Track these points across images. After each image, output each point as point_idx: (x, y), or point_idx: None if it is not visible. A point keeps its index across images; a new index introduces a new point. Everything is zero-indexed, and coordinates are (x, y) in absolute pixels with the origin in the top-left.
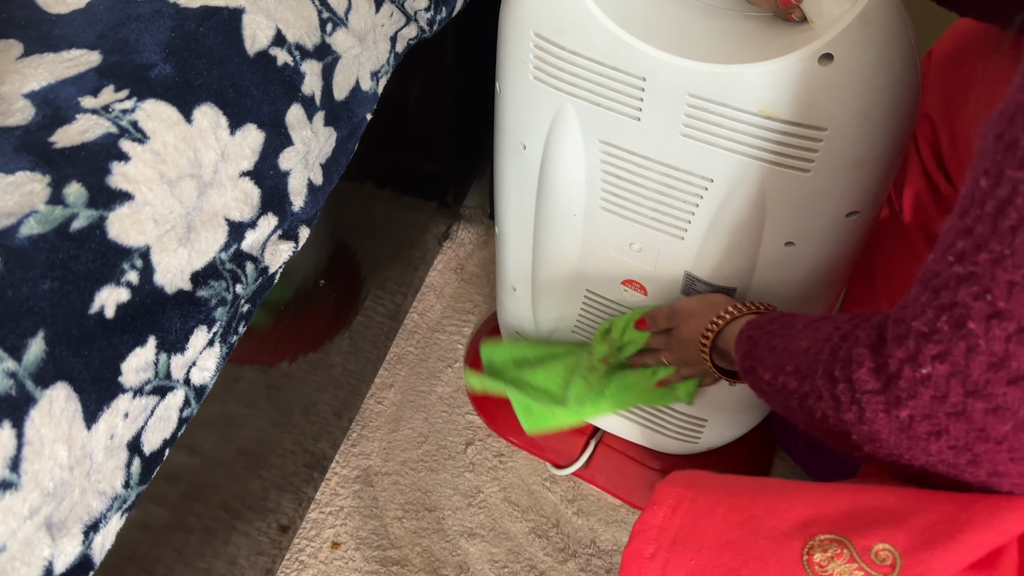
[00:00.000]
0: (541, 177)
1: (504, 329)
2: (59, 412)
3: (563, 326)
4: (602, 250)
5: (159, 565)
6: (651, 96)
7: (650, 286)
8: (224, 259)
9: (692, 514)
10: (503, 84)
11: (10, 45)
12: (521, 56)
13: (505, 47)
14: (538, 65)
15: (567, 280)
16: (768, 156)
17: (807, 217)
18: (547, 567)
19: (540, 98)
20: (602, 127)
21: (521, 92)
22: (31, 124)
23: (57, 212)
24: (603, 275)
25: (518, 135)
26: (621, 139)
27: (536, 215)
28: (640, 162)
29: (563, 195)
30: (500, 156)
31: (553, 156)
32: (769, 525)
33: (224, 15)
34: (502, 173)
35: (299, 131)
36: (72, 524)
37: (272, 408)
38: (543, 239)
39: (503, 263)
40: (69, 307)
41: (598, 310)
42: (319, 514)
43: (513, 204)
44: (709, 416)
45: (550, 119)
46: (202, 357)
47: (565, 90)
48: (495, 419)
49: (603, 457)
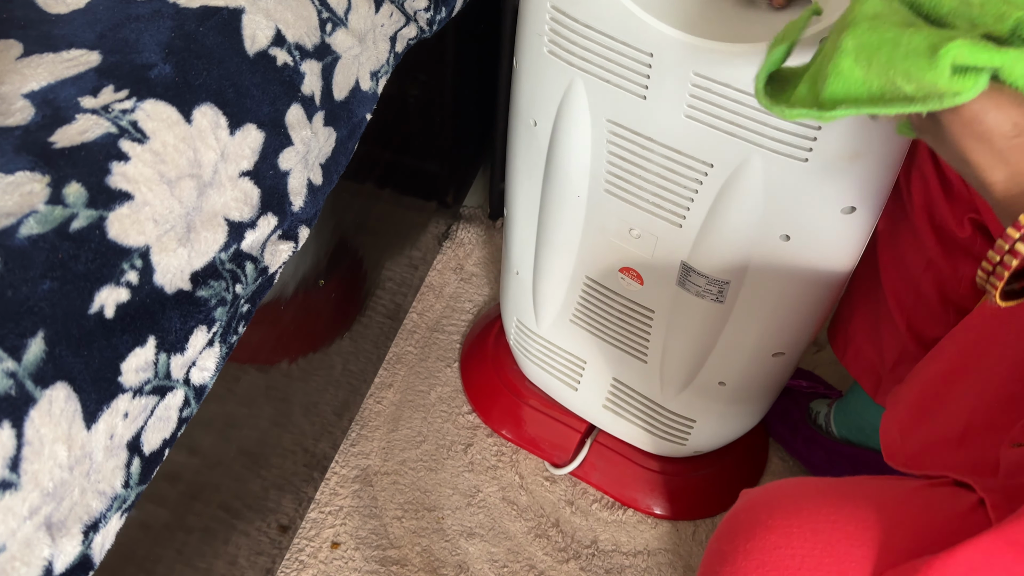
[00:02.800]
0: (549, 156)
1: (507, 315)
2: (59, 412)
3: (563, 313)
4: (603, 235)
5: (159, 565)
6: (657, 73)
7: (646, 275)
8: (224, 259)
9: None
10: (520, 59)
11: (10, 45)
12: (537, 28)
13: (524, 20)
14: (552, 38)
15: (568, 266)
16: (768, 142)
17: (804, 209)
18: (547, 567)
19: (552, 73)
20: (609, 105)
21: (536, 66)
22: (31, 124)
23: (57, 212)
24: (602, 262)
25: (530, 112)
26: (627, 118)
27: (542, 196)
28: (644, 143)
29: (569, 175)
30: (512, 135)
31: (561, 134)
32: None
33: (224, 15)
34: (513, 152)
35: (299, 131)
36: (72, 524)
37: (272, 408)
38: (547, 221)
39: (509, 246)
40: (69, 307)
41: (596, 298)
42: (319, 514)
43: (520, 186)
44: (698, 417)
45: (560, 95)
46: (202, 357)
47: (576, 64)
48: (490, 414)
49: (598, 456)
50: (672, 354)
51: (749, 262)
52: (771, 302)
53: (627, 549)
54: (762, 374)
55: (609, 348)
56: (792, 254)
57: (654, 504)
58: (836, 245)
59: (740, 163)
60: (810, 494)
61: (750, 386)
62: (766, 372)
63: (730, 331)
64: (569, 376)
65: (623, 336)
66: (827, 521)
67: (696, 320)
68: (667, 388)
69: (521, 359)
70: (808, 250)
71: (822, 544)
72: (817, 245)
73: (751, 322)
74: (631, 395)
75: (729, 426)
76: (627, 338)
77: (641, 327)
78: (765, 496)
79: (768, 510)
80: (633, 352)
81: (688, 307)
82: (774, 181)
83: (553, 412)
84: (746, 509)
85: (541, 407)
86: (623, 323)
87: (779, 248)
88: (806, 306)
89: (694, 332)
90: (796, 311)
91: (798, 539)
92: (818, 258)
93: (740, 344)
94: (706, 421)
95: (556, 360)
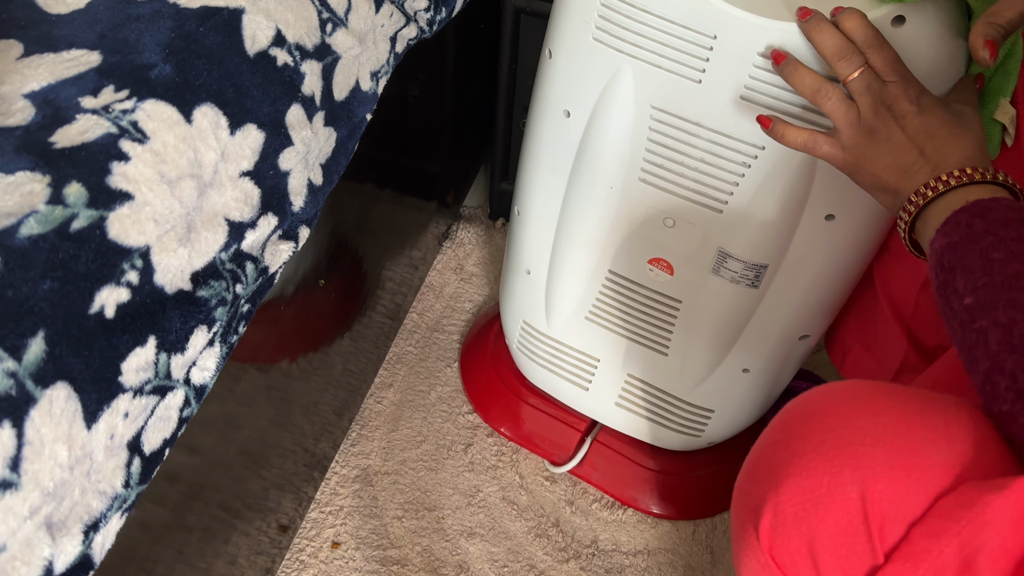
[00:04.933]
0: (581, 147)
1: (509, 318)
2: (59, 412)
3: (579, 311)
4: (632, 226)
5: (159, 565)
6: (718, 56)
7: (678, 265)
8: (224, 259)
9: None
10: (556, 48)
11: (10, 45)
12: (584, 15)
13: (565, 8)
14: (601, 25)
15: (591, 260)
16: (826, 119)
17: (853, 189)
18: (547, 566)
19: (597, 61)
20: (657, 91)
21: (576, 55)
22: (31, 124)
23: (57, 212)
24: (630, 254)
25: (564, 102)
26: (675, 104)
27: (567, 190)
28: (691, 128)
29: (603, 165)
30: (536, 127)
31: (599, 123)
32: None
33: (224, 15)
34: (535, 146)
35: (299, 131)
36: (72, 524)
37: (272, 408)
38: (571, 216)
39: (518, 245)
40: (69, 307)
41: (618, 293)
42: (319, 514)
43: (542, 180)
44: (717, 407)
45: (603, 83)
46: (202, 357)
47: (627, 51)
48: (490, 413)
49: (598, 455)
50: (696, 344)
51: (789, 244)
52: (806, 283)
53: (627, 549)
54: (787, 357)
55: (627, 343)
56: (834, 234)
57: (654, 504)
58: (875, 223)
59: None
60: (869, 386)
61: (773, 371)
62: (790, 355)
63: (760, 316)
64: (580, 376)
65: (644, 330)
66: (890, 406)
67: (727, 307)
68: (687, 380)
69: (525, 363)
70: (849, 229)
71: (882, 424)
72: (858, 224)
73: (783, 305)
74: (647, 390)
75: (746, 413)
76: (648, 331)
77: (665, 319)
78: (820, 390)
79: (824, 398)
80: (653, 346)
81: (719, 294)
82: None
83: (553, 410)
84: (799, 402)
85: (541, 405)
86: (646, 316)
87: (822, 228)
88: (839, 285)
89: (723, 319)
90: (829, 291)
91: (859, 420)
92: (857, 237)
93: (769, 329)
94: (724, 410)
95: (566, 361)
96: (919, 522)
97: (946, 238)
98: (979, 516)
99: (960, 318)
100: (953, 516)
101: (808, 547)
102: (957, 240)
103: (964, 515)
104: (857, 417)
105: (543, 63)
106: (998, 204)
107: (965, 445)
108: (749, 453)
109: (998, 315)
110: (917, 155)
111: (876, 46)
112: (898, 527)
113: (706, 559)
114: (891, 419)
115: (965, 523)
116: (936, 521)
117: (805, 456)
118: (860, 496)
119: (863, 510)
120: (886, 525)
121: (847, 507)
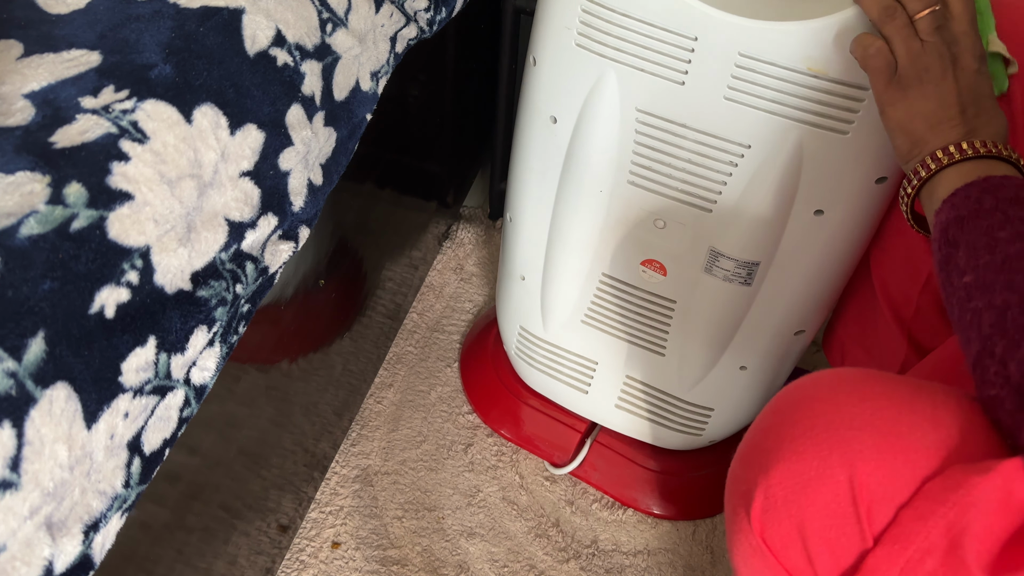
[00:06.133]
0: (569, 152)
1: (506, 324)
2: (59, 412)
3: (575, 315)
4: (624, 228)
5: (159, 565)
6: (699, 58)
7: (670, 265)
8: (224, 259)
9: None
10: (540, 54)
11: (10, 45)
12: (566, 22)
13: (547, 15)
14: (583, 31)
15: (584, 264)
16: (809, 117)
17: (840, 183)
18: (547, 567)
19: (580, 66)
20: (642, 94)
21: (560, 61)
22: (31, 124)
23: (57, 212)
24: (622, 256)
25: (549, 108)
26: (660, 106)
27: (558, 195)
28: (676, 130)
29: (591, 170)
30: (524, 134)
31: (585, 128)
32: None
33: (224, 15)
34: (524, 152)
35: (299, 131)
36: (72, 524)
37: (272, 408)
38: (562, 220)
39: (511, 251)
40: (69, 307)
41: (613, 295)
42: (319, 514)
43: (532, 185)
44: (716, 405)
45: (587, 89)
46: (202, 357)
47: (609, 56)
48: (489, 414)
49: (598, 455)
50: (693, 343)
51: (780, 241)
52: (798, 278)
53: (627, 549)
54: (783, 354)
55: (624, 345)
56: (823, 228)
57: (654, 504)
58: (865, 216)
59: (779, 141)
60: (857, 373)
61: (771, 367)
62: (787, 351)
63: (755, 313)
64: (579, 380)
65: (640, 331)
66: (879, 392)
67: (721, 305)
68: (685, 379)
69: (523, 368)
70: (839, 223)
71: (871, 409)
72: (848, 218)
73: (777, 301)
74: (646, 391)
75: (745, 411)
76: (645, 332)
77: (660, 319)
78: (810, 378)
79: (814, 385)
80: (650, 347)
81: (713, 293)
82: (813, 156)
83: (553, 412)
84: (790, 390)
85: (541, 407)
86: (641, 317)
87: (811, 224)
88: (832, 279)
89: (718, 318)
90: (822, 285)
91: (848, 405)
92: (848, 230)
93: (764, 325)
94: (724, 408)
95: (565, 365)
96: (907, 505)
97: (954, 211)
98: (965, 498)
99: (958, 295)
100: (940, 498)
101: (798, 530)
102: (965, 214)
103: (950, 497)
104: (846, 403)
105: (528, 70)
106: (1010, 182)
107: (952, 429)
108: (742, 440)
109: (994, 297)
110: (958, 112)
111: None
112: (886, 509)
113: (706, 559)
114: (879, 404)
115: (951, 505)
116: (923, 503)
117: (795, 441)
118: (848, 479)
119: (851, 493)
120: (874, 507)
121: (836, 490)
